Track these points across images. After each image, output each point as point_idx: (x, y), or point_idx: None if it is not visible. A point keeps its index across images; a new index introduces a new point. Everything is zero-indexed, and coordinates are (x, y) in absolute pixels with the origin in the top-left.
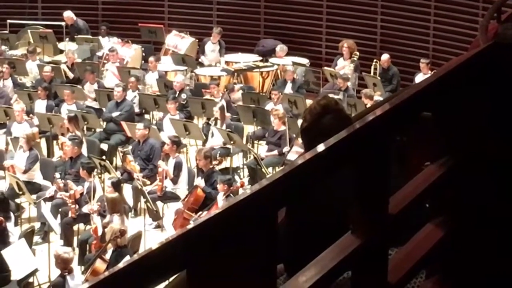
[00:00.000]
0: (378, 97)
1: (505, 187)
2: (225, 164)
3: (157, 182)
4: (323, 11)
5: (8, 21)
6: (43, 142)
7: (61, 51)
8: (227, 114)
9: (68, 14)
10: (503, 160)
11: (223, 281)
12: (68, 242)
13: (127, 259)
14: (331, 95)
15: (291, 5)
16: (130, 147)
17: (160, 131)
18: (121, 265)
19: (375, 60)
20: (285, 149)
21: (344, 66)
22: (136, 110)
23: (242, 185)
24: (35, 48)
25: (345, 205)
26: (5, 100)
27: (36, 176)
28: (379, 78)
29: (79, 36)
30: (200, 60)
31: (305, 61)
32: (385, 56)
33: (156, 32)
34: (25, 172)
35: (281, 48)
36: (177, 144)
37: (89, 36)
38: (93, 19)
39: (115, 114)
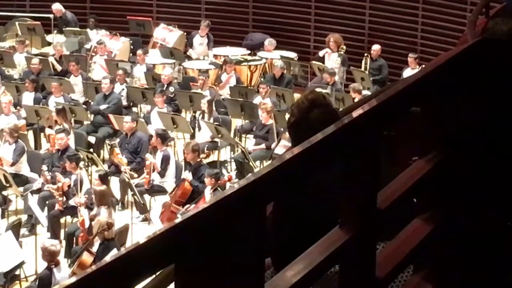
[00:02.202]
0: (366, 92)
1: (493, 180)
2: (213, 157)
3: (145, 175)
4: (311, 5)
5: None
6: (30, 135)
7: (49, 44)
8: None
9: (57, 6)
10: (491, 154)
11: (210, 275)
12: (55, 235)
13: (114, 252)
14: (318, 89)
15: None
16: (118, 140)
17: (148, 124)
18: (108, 259)
19: (365, 54)
20: (273, 144)
21: (330, 54)
22: (124, 103)
23: (229, 179)
24: (24, 39)
25: (333, 199)
26: None
27: (23, 168)
28: (367, 72)
29: (67, 28)
30: (188, 53)
31: (293, 55)
32: (376, 47)
33: (144, 25)
34: (12, 164)
35: (269, 42)
36: (162, 137)
37: (77, 29)
38: (81, 11)
39: (102, 106)
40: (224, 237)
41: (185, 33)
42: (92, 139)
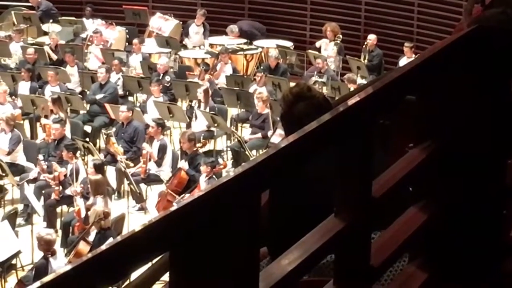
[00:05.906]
0: (361, 81)
1: (488, 169)
2: (209, 146)
3: (141, 164)
4: None
5: None
6: (26, 124)
7: (45, 33)
8: None
9: None
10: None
11: (205, 263)
12: (51, 224)
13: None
14: (314, 78)
15: None
16: (114, 129)
17: (144, 114)
18: (104, 247)
19: (364, 45)
20: (269, 133)
21: (328, 44)
22: (120, 92)
23: (225, 166)
24: (21, 29)
25: (329, 187)
26: None
27: (19, 157)
28: (365, 62)
29: (64, 18)
30: (184, 42)
31: (289, 44)
32: (372, 36)
33: (140, 14)
34: (8, 153)
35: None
36: (162, 126)
37: (73, 18)
38: (78, 0)
39: (98, 96)
40: (219, 225)
41: (181, 22)
42: (88, 128)
